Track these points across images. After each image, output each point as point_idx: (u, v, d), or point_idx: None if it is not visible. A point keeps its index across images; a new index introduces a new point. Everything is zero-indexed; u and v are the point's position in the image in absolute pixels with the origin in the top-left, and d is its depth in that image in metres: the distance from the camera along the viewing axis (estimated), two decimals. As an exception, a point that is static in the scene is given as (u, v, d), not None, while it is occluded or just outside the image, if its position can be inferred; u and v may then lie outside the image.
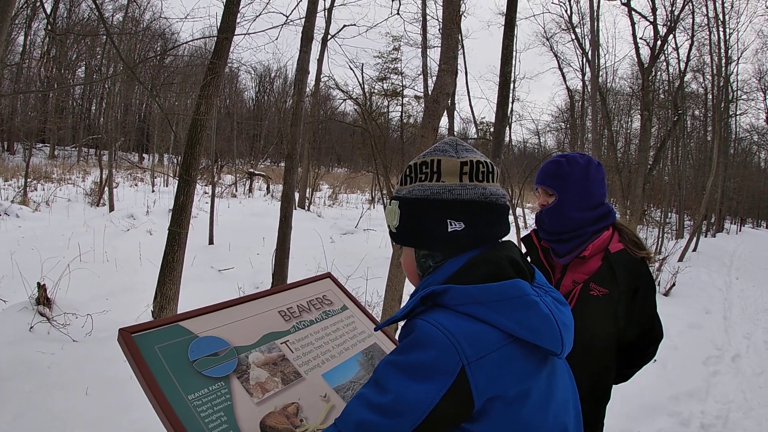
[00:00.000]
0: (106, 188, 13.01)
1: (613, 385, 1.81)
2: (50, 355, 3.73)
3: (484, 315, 0.85)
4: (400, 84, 21.19)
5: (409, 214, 0.99)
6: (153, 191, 16.85)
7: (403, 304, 1.08)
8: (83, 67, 28.41)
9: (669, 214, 19.48)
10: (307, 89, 8.78)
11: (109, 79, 14.06)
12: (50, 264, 5.88)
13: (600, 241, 1.73)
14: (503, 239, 1.02)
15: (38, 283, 4.57)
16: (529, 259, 1.95)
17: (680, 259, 10.59)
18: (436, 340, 0.83)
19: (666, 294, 7.59)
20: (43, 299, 4.52)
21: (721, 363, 5.01)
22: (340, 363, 1.34)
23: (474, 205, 0.95)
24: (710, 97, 17.31)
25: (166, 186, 18.05)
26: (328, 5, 14.39)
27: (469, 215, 0.95)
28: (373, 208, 18.03)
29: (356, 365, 1.36)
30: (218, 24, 4.90)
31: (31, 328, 4.17)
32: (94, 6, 4.75)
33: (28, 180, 13.30)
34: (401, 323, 0.99)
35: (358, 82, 14.39)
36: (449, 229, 0.95)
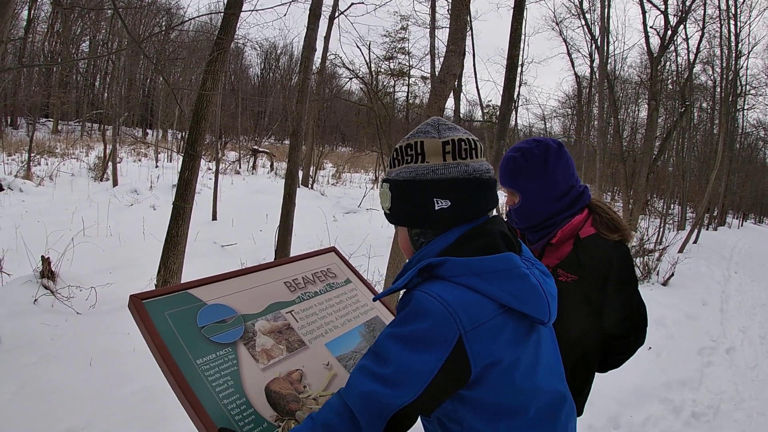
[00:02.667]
0: (110, 163, 13.01)
1: (605, 372, 1.80)
2: (54, 327, 3.78)
3: (478, 286, 0.89)
4: (407, 64, 21.06)
5: (399, 196, 1.03)
6: (156, 166, 16.84)
7: None
8: (87, 42, 28.22)
9: (672, 205, 19.46)
10: (314, 67, 8.73)
11: (114, 53, 13.95)
12: (54, 238, 5.92)
13: (569, 226, 1.66)
14: (493, 213, 1.06)
15: (42, 257, 4.60)
16: None
17: (680, 250, 10.60)
18: (434, 311, 0.87)
19: (664, 284, 7.63)
20: (47, 272, 4.55)
21: (716, 354, 5.05)
22: (343, 333, 1.38)
23: (458, 183, 0.99)
24: (718, 90, 17.16)
25: (170, 161, 18.03)
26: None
27: (454, 193, 0.99)
28: (377, 187, 18.02)
29: (358, 336, 1.40)
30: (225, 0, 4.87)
31: (35, 300, 4.21)
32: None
33: (32, 155, 13.28)
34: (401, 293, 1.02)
35: (365, 61, 14.28)
36: (436, 207, 0.99)
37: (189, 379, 1.04)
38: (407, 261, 1.08)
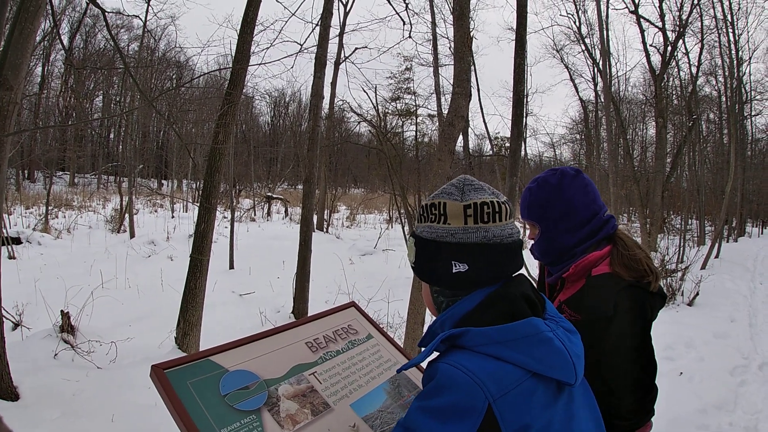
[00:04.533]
0: (127, 215, 13.23)
1: None
2: (75, 382, 3.78)
3: (503, 354, 0.89)
4: (414, 103, 21.37)
5: (421, 253, 1.05)
6: (173, 217, 17.09)
7: (424, 327, 1.11)
8: (101, 96, 29.12)
9: (690, 220, 19.19)
10: (322, 113, 8.90)
11: (127, 113, 14.36)
12: (73, 291, 5.98)
13: (584, 261, 1.55)
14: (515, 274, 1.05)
15: (62, 311, 4.66)
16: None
17: (703, 267, 10.41)
18: (461, 382, 0.86)
19: (690, 304, 7.46)
20: (66, 326, 4.59)
21: (748, 372, 4.90)
22: (368, 392, 1.36)
23: (476, 248, 0.99)
24: (724, 99, 17.12)
25: (186, 212, 18.30)
26: (339, 31, 14.65)
27: (472, 257, 0.99)
28: (392, 228, 18.04)
29: (383, 394, 1.38)
30: (232, 52, 5.02)
31: (56, 355, 4.24)
32: (110, 37, 4.89)
33: (49, 208, 13.56)
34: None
35: (372, 104, 14.55)
36: (453, 270, 0.99)
37: None
38: (431, 324, 1.07)
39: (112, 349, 4.55)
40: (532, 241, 1.71)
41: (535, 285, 1.10)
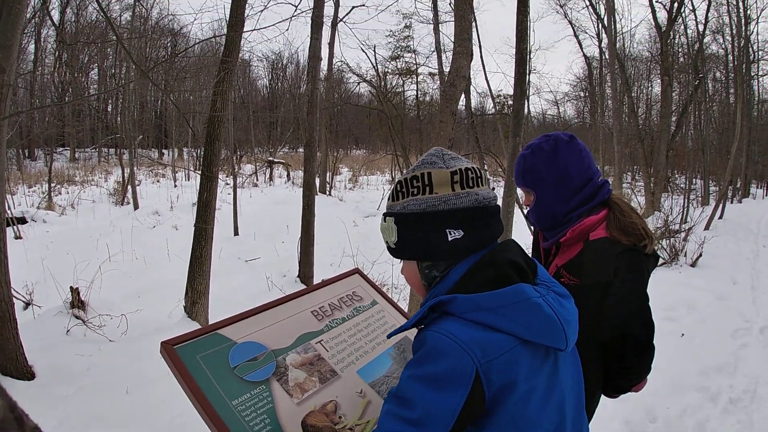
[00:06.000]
0: (129, 187, 13.25)
1: (616, 397, 1.69)
2: (88, 357, 3.83)
3: (491, 320, 0.89)
4: (414, 62, 21.01)
5: (407, 229, 1.02)
6: (175, 186, 17.11)
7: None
8: (96, 69, 28.71)
9: (694, 180, 19.09)
10: (321, 74, 8.76)
11: (122, 85, 14.18)
12: (81, 267, 6.03)
13: (581, 226, 1.57)
14: (501, 239, 1.06)
15: (71, 287, 4.69)
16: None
17: (706, 228, 10.38)
18: (450, 349, 0.87)
19: (693, 265, 7.47)
20: (77, 302, 4.63)
21: (750, 335, 4.92)
22: (374, 358, 1.38)
23: (470, 212, 0.99)
24: (731, 58, 16.76)
25: (188, 180, 18.30)
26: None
27: (466, 222, 0.99)
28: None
29: (389, 359, 1.40)
30: (227, 17, 4.91)
31: (68, 331, 4.28)
32: (100, 10, 4.78)
33: (52, 185, 13.56)
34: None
35: (371, 64, 14.33)
36: (449, 239, 0.98)
37: (227, 422, 1.06)
38: (423, 299, 1.07)
39: (123, 321, 4.60)
40: (528, 207, 1.72)
41: (525, 250, 1.10)
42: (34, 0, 16.77)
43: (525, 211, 1.79)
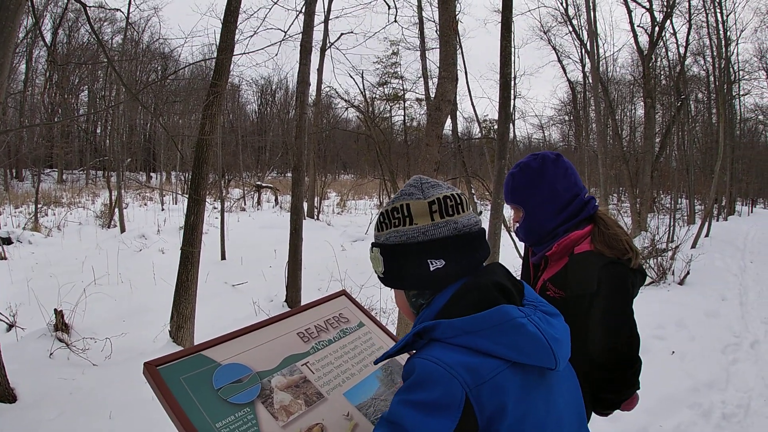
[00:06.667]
0: (116, 209, 13.13)
1: (605, 414, 1.68)
2: (71, 380, 3.77)
3: (476, 344, 0.89)
4: (401, 88, 21.30)
5: (391, 260, 1.03)
6: (162, 209, 17.00)
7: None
8: (86, 91, 28.72)
9: (679, 200, 19.33)
10: (309, 100, 8.83)
11: (112, 107, 14.20)
12: (66, 289, 5.94)
13: (566, 240, 1.62)
14: (488, 262, 1.06)
15: (55, 310, 4.63)
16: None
17: (693, 246, 10.48)
18: (438, 376, 0.86)
19: (681, 283, 7.53)
20: (60, 325, 4.57)
21: (740, 350, 4.96)
22: (361, 380, 1.36)
23: (449, 241, 0.99)
24: (712, 79, 17.16)
25: (176, 204, 18.19)
26: (324, 17, 14.50)
27: (447, 251, 0.99)
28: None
29: (376, 381, 1.38)
30: (217, 42, 4.95)
31: (51, 354, 4.21)
32: (92, 32, 4.81)
33: (39, 206, 13.42)
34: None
35: (359, 89, 14.51)
36: (431, 268, 0.99)
37: None
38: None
39: (107, 345, 4.55)
40: (517, 224, 1.77)
41: (511, 272, 1.10)
42: (27, 20, 16.82)
43: (514, 227, 1.81)
